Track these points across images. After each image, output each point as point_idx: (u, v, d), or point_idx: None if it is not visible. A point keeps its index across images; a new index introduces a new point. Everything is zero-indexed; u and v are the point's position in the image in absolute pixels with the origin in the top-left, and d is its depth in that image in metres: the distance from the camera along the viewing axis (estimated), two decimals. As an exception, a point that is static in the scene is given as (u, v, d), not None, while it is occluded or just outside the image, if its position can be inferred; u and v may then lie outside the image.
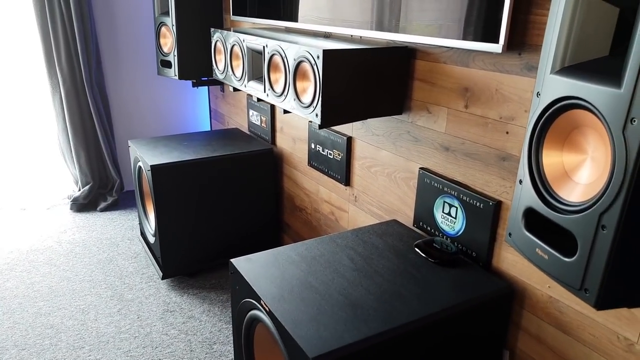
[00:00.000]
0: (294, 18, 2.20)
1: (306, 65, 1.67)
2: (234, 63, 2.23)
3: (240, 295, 1.52)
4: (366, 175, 2.10)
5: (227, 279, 2.69)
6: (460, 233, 1.66)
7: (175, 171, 2.49)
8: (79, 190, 3.53)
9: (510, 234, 1.07)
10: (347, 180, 2.22)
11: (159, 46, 3.09)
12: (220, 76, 2.40)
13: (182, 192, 2.54)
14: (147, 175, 2.53)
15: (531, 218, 1.01)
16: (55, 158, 3.57)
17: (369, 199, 2.11)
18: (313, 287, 1.43)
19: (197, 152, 2.64)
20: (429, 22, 1.56)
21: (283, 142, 2.76)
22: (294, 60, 1.71)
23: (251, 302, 1.44)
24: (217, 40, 2.36)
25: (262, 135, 2.98)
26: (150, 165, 2.43)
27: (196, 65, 3.02)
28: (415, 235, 1.75)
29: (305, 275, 1.48)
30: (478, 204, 1.57)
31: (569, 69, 0.92)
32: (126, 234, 3.18)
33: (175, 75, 3.04)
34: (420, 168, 1.79)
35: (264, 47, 1.92)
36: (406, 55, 1.75)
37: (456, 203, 1.65)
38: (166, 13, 2.97)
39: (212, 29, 2.41)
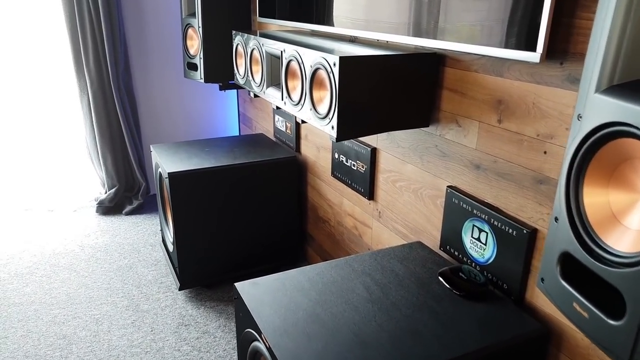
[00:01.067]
0: (320, 21, 2.07)
1: (323, 73, 1.53)
2: (253, 68, 2.11)
3: (243, 323, 1.40)
4: (391, 190, 1.95)
5: (246, 291, 2.58)
6: (490, 261, 1.49)
7: (194, 179, 2.40)
8: (106, 192, 3.50)
9: (542, 280, 0.91)
10: (371, 194, 2.07)
11: (185, 48, 3.02)
12: (240, 81, 2.29)
13: (201, 200, 2.45)
14: (165, 182, 2.45)
15: (568, 265, 0.84)
16: (83, 160, 3.56)
17: (393, 215, 1.96)
18: (321, 320, 1.29)
19: (218, 159, 2.54)
20: (460, 27, 1.39)
21: (307, 149, 2.63)
22: (311, 67, 1.58)
23: (253, 333, 1.32)
24: (237, 44, 2.25)
25: (287, 142, 2.86)
26: (168, 173, 2.35)
27: (223, 68, 2.93)
28: (440, 261, 1.59)
29: (314, 306, 1.34)
30: (510, 230, 1.40)
31: (618, 88, 0.75)
32: (149, 239, 3.12)
33: (201, 78, 2.96)
34: (448, 186, 1.63)
35: (281, 52, 1.79)
36: (435, 62, 1.59)
37: (486, 228, 1.48)
38: (193, 14, 2.89)
39: (233, 32, 2.31)
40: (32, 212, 3.45)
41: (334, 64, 1.44)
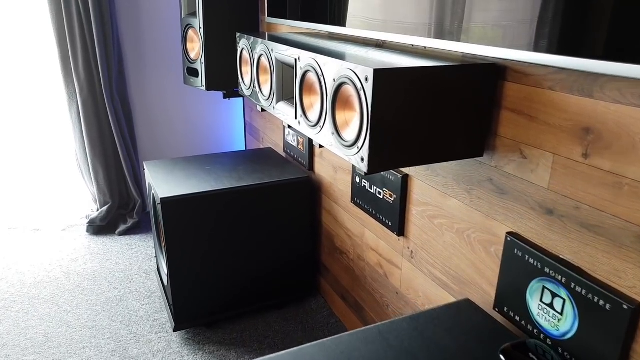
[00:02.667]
0: (340, 22, 1.73)
1: (350, 90, 1.19)
2: (261, 78, 1.77)
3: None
4: (427, 227, 1.61)
5: (251, 332, 2.24)
6: (568, 336, 1.14)
7: (191, 205, 2.07)
8: (97, 210, 3.17)
9: None
10: (401, 230, 1.73)
11: (185, 52, 2.69)
12: (246, 92, 1.96)
13: (199, 228, 2.12)
14: (158, 209, 2.12)
15: None
16: (74, 174, 3.24)
17: (430, 258, 1.61)
18: None
19: (219, 180, 2.20)
20: (528, 30, 1.05)
21: (322, 169, 2.29)
22: (334, 80, 1.24)
23: None
24: (242, 48, 1.91)
25: (298, 159, 2.52)
26: (161, 199, 2.01)
27: (227, 74, 2.61)
28: (498, 329, 1.24)
29: (340, 405, 1.00)
30: (601, 301, 1.05)
31: None
32: (143, 265, 2.79)
33: (202, 85, 2.63)
34: (508, 233, 1.28)
35: (295, 60, 1.45)
36: (492, 75, 1.24)
37: (563, 293, 1.13)
38: (194, 13, 2.57)
39: (237, 34, 1.97)
40: (16, 232, 3.13)
41: (366, 79, 1.10)
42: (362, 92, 1.12)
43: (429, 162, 1.23)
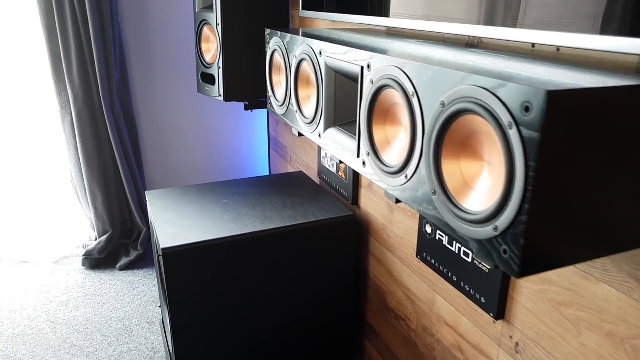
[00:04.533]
0: (402, 13, 1.21)
1: (478, 123, 0.67)
2: (301, 92, 1.26)
3: None
4: (549, 315, 1.08)
5: (278, 417, 1.74)
6: None
7: (201, 256, 1.57)
8: (95, 239, 2.70)
9: None
10: (500, 311, 1.21)
11: (199, 54, 2.20)
12: (277, 110, 1.45)
13: (211, 284, 1.62)
14: (160, 260, 1.63)
15: None
16: (69, 197, 2.76)
17: (551, 361, 1.09)
18: None
19: (238, 221, 1.70)
20: None
21: (371, 205, 1.78)
22: (442, 105, 0.72)
23: None
24: (274, 50, 1.41)
25: (337, 188, 2.01)
26: (163, 249, 1.52)
27: (249, 81, 2.12)
28: None
29: None
30: None
31: None
32: (146, 312, 2.30)
33: (219, 94, 2.14)
34: None
35: (362, 68, 0.94)
36: None
37: None
38: (210, 7, 2.08)
39: (267, 31, 1.47)
40: (0, 265, 2.67)
41: (527, 109, 0.58)
42: (513, 131, 0.60)
43: (617, 251, 0.70)
